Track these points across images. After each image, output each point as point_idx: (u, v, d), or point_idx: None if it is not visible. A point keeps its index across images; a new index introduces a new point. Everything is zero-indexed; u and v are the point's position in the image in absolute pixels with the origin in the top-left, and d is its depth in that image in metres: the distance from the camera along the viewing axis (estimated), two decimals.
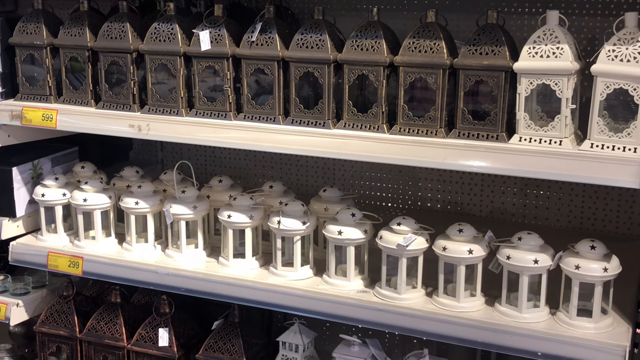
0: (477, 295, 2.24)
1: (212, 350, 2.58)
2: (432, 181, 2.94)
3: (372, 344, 2.47)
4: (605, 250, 2.08)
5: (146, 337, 2.64)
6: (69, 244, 2.71)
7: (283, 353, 2.57)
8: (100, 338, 2.68)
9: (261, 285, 2.41)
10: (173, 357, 2.60)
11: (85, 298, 2.85)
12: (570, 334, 2.07)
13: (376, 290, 2.33)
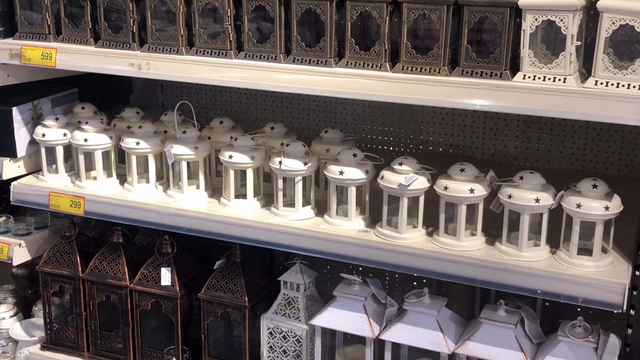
0: (477, 234, 2.24)
1: (214, 290, 2.60)
2: (434, 124, 2.93)
3: (373, 284, 2.49)
4: (606, 189, 2.08)
5: (148, 276, 2.66)
6: (70, 185, 2.71)
7: (284, 292, 2.58)
8: (102, 277, 2.70)
9: (263, 225, 2.42)
10: (175, 296, 2.62)
11: (87, 239, 2.86)
12: (570, 272, 2.08)
13: (377, 230, 2.33)
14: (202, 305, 2.62)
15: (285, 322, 2.57)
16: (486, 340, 2.26)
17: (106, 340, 2.78)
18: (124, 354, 2.75)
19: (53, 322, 2.84)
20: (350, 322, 2.41)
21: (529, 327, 2.29)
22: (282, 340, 2.59)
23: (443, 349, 2.28)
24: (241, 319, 2.58)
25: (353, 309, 2.42)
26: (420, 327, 2.33)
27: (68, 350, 2.83)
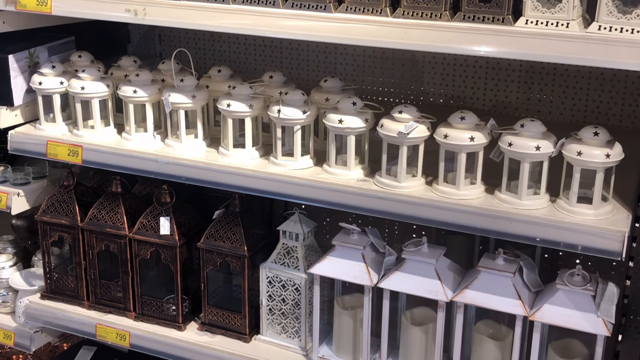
0: (477, 183, 2.23)
1: (213, 239, 2.60)
2: (435, 75, 2.90)
3: (371, 233, 2.48)
4: (608, 136, 2.06)
5: (147, 225, 2.66)
6: (68, 133, 2.69)
7: (283, 242, 2.58)
8: (101, 227, 2.70)
9: (261, 174, 2.41)
10: (175, 245, 2.62)
11: (86, 189, 2.85)
12: (569, 220, 2.07)
13: (376, 179, 2.32)
14: (202, 254, 2.62)
15: (284, 271, 2.57)
16: (484, 288, 2.26)
17: (106, 289, 2.79)
18: (124, 303, 2.76)
19: (53, 271, 2.84)
20: (349, 270, 2.41)
21: (528, 275, 2.30)
22: (281, 289, 2.60)
23: (441, 297, 2.29)
24: (240, 268, 2.58)
25: (352, 257, 2.42)
26: (419, 276, 2.33)
27: (68, 300, 2.84)
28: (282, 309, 2.61)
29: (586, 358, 2.27)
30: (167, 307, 2.72)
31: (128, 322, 2.75)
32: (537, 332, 2.20)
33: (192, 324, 2.76)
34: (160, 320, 2.73)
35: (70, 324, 2.81)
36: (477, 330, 2.39)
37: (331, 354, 2.55)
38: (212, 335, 2.69)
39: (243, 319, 2.64)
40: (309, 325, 2.58)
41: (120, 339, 2.73)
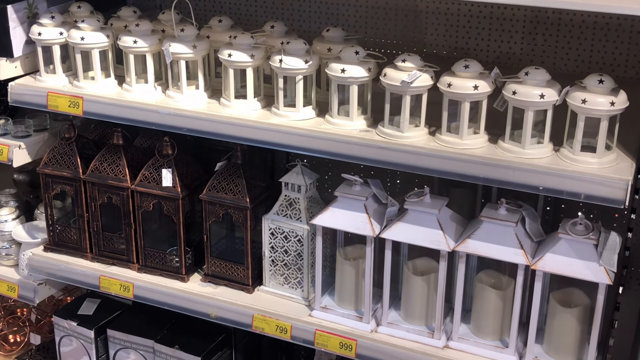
0: (480, 133, 2.22)
1: (215, 191, 2.60)
2: (438, 25, 2.86)
3: (374, 184, 2.48)
4: (613, 84, 2.04)
5: (149, 177, 2.65)
6: (68, 85, 2.67)
7: (285, 194, 2.58)
8: (103, 179, 2.69)
9: (263, 124, 2.40)
10: (177, 197, 2.62)
11: (87, 141, 2.84)
12: (573, 168, 2.06)
13: (379, 129, 2.31)
14: (204, 206, 2.62)
15: (286, 222, 2.58)
16: (486, 238, 2.26)
17: (109, 241, 2.79)
18: (127, 255, 2.77)
19: (55, 224, 2.85)
20: (351, 221, 2.41)
21: (530, 225, 2.30)
22: (283, 241, 2.60)
23: (443, 247, 2.29)
24: (243, 219, 2.58)
25: (354, 208, 2.42)
26: (421, 226, 2.33)
27: (71, 252, 2.85)
28: (284, 260, 2.62)
29: (587, 307, 2.28)
30: (170, 259, 2.73)
31: (131, 274, 2.77)
32: (538, 281, 2.21)
33: (195, 275, 2.77)
34: (163, 271, 2.74)
35: (74, 276, 2.83)
36: (479, 280, 2.40)
37: (333, 304, 2.57)
38: (215, 287, 2.70)
39: (246, 270, 2.65)
40: (311, 276, 2.60)
41: (123, 290, 2.74)
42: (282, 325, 2.55)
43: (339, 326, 2.50)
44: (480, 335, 2.39)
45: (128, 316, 2.98)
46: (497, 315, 2.36)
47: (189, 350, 2.76)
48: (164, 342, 2.81)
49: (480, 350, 2.36)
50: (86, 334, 2.90)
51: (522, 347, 2.36)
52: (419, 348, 2.39)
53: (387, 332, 2.46)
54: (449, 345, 2.39)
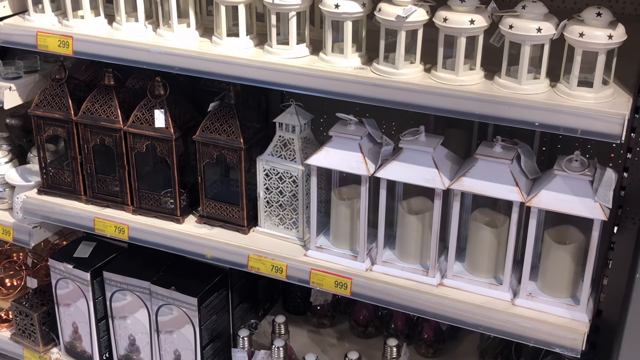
0: (476, 69, 2.19)
1: (208, 132, 2.58)
2: None
3: (369, 123, 2.46)
4: (611, 17, 2.00)
5: (142, 118, 2.63)
6: (58, 24, 2.62)
7: (280, 134, 2.56)
8: (95, 120, 2.67)
9: (256, 63, 2.36)
10: (170, 138, 2.60)
11: (79, 83, 2.81)
12: (569, 103, 2.04)
13: (374, 66, 2.28)
14: (198, 147, 2.60)
15: (281, 163, 2.56)
16: (481, 175, 2.25)
17: (103, 183, 2.78)
18: (121, 197, 2.76)
19: (48, 166, 2.83)
20: (346, 161, 2.40)
21: (525, 163, 2.29)
22: (278, 182, 2.59)
23: (438, 185, 2.28)
24: (237, 160, 2.57)
25: (349, 148, 2.40)
26: (416, 165, 2.32)
27: (65, 194, 2.84)
28: (279, 201, 2.62)
29: (582, 244, 2.28)
30: (165, 201, 2.72)
31: (126, 216, 2.76)
32: (533, 218, 2.21)
33: (190, 217, 2.77)
34: (158, 213, 2.74)
35: (68, 218, 2.82)
36: (474, 218, 2.40)
37: (329, 244, 2.57)
38: (211, 228, 2.70)
39: (241, 211, 2.65)
40: (306, 216, 2.59)
41: (119, 232, 2.74)
42: (278, 265, 2.56)
43: (334, 265, 2.51)
44: (475, 273, 2.40)
45: (124, 259, 2.99)
46: (491, 253, 2.37)
47: (186, 291, 2.78)
48: (160, 284, 2.82)
49: (474, 287, 2.37)
50: (82, 276, 2.90)
51: (516, 284, 2.37)
52: (414, 286, 2.40)
53: (382, 271, 2.46)
54: (443, 282, 2.40)
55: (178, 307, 2.80)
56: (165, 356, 2.92)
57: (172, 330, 2.85)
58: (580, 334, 2.20)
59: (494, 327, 2.30)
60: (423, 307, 2.38)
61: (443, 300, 2.35)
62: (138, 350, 2.98)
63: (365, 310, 3.17)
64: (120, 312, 2.95)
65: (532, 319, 2.25)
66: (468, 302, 2.33)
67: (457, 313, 2.34)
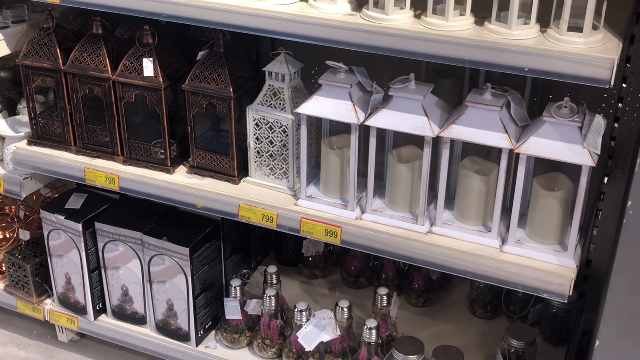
0: (466, 14, 2.17)
1: (197, 81, 2.56)
2: None
3: (359, 72, 2.44)
4: None
5: (130, 67, 2.61)
6: None
7: (269, 83, 2.55)
8: (84, 70, 2.65)
9: (245, 9, 2.33)
10: (159, 87, 2.58)
11: (67, 32, 2.78)
12: (559, 48, 2.03)
13: (363, 12, 2.26)
14: (187, 96, 2.59)
15: (271, 112, 2.55)
16: (471, 123, 2.25)
17: (92, 133, 2.77)
18: (111, 147, 2.76)
19: (38, 117, 2.82)
20: (336, 109, 2.39)
21: (515, 110, 2.28)
22: (268, 131, 2.59)
23: (427, 133, 2.28)
24: (226, 110, 2.56)
25: (338, 96, 2.40)
26: (405, 112, 2.31)
27: (55, 145, 2.83)
28: (269, 151, 2.61)
29: (571, 191, 2.29)
30: (155, 151, 2.72)
31: (116, 166, 2.76)
32: (522, 165, 2.21)
33: (180, 167, 2.77)
34: (148, 164, 2.73)
35: (59, 169, 2.82)
36: (463, 166, 2.40)
37: (319, 193, 2.58)
38: (201, 178, 2.70)
39: (231, 161, 2.65)
40: (296, 166, 2.59)
41: (109, 182, 2.74)
42: (268, 214, 2.57)
43: (324, 214, 2.52)
44: (464, 221, 2.41)
45: (115, 210, 2.99)
46: (480, 200, 2.38)
47: (177, 241, 2.78)
48: (152, 234, 2.83)
49: (463, 235, 2.38)
50: (74, 227, 2.91)
51: (505, 232, 2.38)
52: (403, 234, 2.42)
53: (372, 219, 2.47)
54: (432, 230, 2.42)
55: (170, 257, 2.81)
56: (158, 306, 2.94)
57: (165, 280, 2.87)
58: (567, 279, 2.22)
59: (483, 273, 2.32)
60: (412, 255, 2.40)
61: (432, 248, 2.37)
62: (131, 300, 3.01)
63: (356, 261, 3.20)
64: (113, 263, 2.96)
65: (520, 265, 2.27)
66: (457, 249, 2.35)
67: (446, 260, 2.35)
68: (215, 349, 2.96)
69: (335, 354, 2.78)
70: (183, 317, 2.90)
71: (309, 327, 2.72)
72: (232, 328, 2.92)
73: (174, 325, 2.95)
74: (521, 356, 2.69)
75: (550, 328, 2.92)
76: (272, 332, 2.85)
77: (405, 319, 3.02)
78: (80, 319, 3.12)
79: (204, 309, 2.93)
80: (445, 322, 3.04)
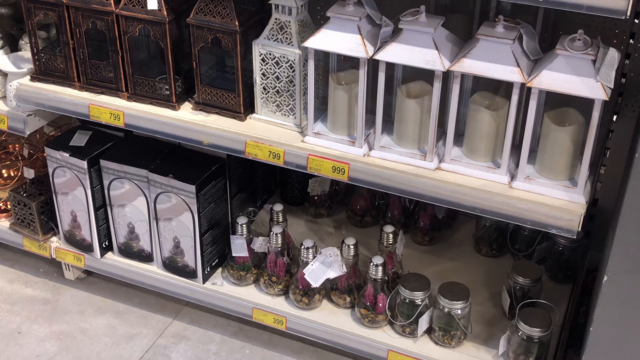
0: None
1: (202, 14, 2.51)
2: None
3: (367, 4, 2.39)
4: None
5: (134, 1, 2.55)
6: None
7: (276, 17, 2.49)
8: (87, 2, 2.59)
9: None
10: (163, 21, 2.53)
11: None
12: None
13: None
14: (192, 31, 2.54)
15: (277, 47, 2.51)
16: (482, 57, 2.21)
17: (96, 69, 2.73)
18: (116, 83, 2.72)
19: (40, 52, 2.77)
20: (344, 43, 2.35)
21: (527, 43, 2.24)
22: (274, 67, 2.55)
23: (438, 67, 2.24)
24: (232, 44, 2.51)
25: (347, 30, 2.35)
26: (415, 46, 2.27)
27: (59, 81, 2.79)
28: (276, 87, 2.58)
29: (582, 126, 2.27)
30: (160, 87, 2.68)
31: (121, 102, 2.73)
32: (533, 100, 2.18)
33: (186, 104, 2.73)
34: (153, 100, 2.70)
35: (63, 105, 2.79)
36: (473, 101, 2.37)
37: (326, 130, 2.55)
38: (207, 115, 2.67)
39: (237, 97, 2.61)
40: (303, 102, 2.56)
41: (114, 118, 2.71)
42: (275, 151, 2.55)
43: (332, 151, 2.50)
44: (473, 157, 2.39)
45: (120, 147, 2.97)
46: (490, 136, 2.35)
47: (183, 179, 2.77)
48: (158, 172, 2.81)
49: (472, 171, 2.36)
50: (79, 164, 2.89)
51: (514, 168, 2.36)
52: (411, 170, 2.40)
53: (380, 156, 2.45)
54: (441, 167, 2.40)
55: (176, 195, 2.80)
56: (165, 243, 2.94)
57: (171, 218, 2.87)
58: (577, 215, 2.21)
59: (491, 209, 2.31)
60: (421, 191, 2.39)
61: (441, 184, 2.35)
62: (137, 237, 3.01)
63: (362, 200, 3.19)
64: (119, 201, 2.96)
65: (529, 200, 2.26)
66: (465, 185, 2.33)
67: (455, 196, 2.34)
68: (222, 286, 2.97)
69: (341, 291, 2.80)
70: (190, 254, 2.91)
71: (315, 264, 2.73)
72: (238, 265, 2.93)
73: (181, 263, 2.96)
74: (527, 293, 2.71)
75: (555, 266, 2.93)
76: (278, 269, 2.86)
77: (411, 257, 3.03)
78: (87, 257, 3.13)
79: (210, 247, 2.93)
80: (451, 260, 3.05)
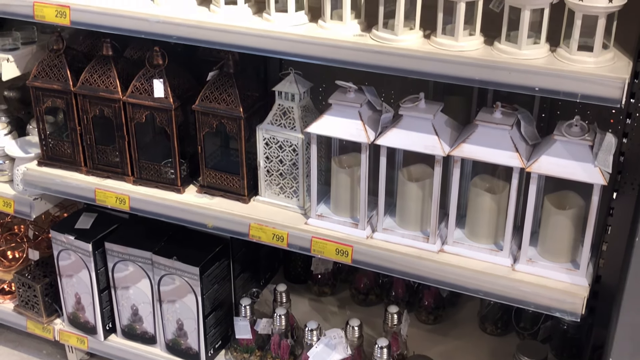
0: (476, 34, 2.18)
1: (208, 101, 2.57)
2: None
3: (368, 91, 2.45)
4: None
5: (141, 88, 2.62)
6: None
7: (279, 103, 2.56)
8: (94, 91, 2.66)
9: (254, 31, 2.35)
10: (169, 108, 2.59)
11: (77, 53, 2.79)
12: (569, 68, 2.03)
13: (373, 33, 2.27)
14: (197, 117, 2.60)
15: (280, 132, 2.56)
16: (481, 142, 2.25)
17: (103, 154, 2.78)
18: (122, 168, 2.77)
19: (48, 138, 2.83)
20: (346, 128, 2.40)
21: (525, 128, 2.29)
22: (278, 150, 2.59)
23: (438, 152, 2.28)
24: (237, 129, 2.56)
25: (348, 116, 2.40)
26: (416, 131, 2.32)
27: (65, 166, 2.84)
28: (279, 170, 2.62)
29: (582, 209, 2.29)
30: (165, 171, 2.72)
31: (127, 187, 2.77)
32: (533, 184, 2.21)
33: (190, 187, 2.77)
34: (159, 183, 2.74)
35: (69, 190, 2.83)
36: (474, 184, 2.41)
37: (329, 212, 2.58)
38: (211, 197, 2.71)
39: (241, 180, 2.65)
40: (306, 185, 2.60)
41: (120, 202, 2.75)
42: (279, 233, 2.57)
43: (335, 233, 2.52)
44: (475, 239, 2.41)
45: (125, 229, 3.00)
46: (491, 219, 2.38)
47: (187, 261, 2.79)
48: (162, 254, 2.83)
49: (474, 253, 2.38)
50: (84, 247, 2.92)
51: (516, 250, 2.38)
52: (414, 252, 2.42)
53: (383, 238, 2.48)
54: (444, 249, 2.42)
55: (180, 277, 2.81)
56: (168, 325, 2.94)
57: (175, 300, 2.87)
58: (580, 298, 2.22)
59: (495, 292, 2.31)
60: (424, 274, 2.40)
61: (444, 267, 2.37)
62: (141, 320, 3.01)
63: (365, 279, 3.20)
64: (123, 283, 2.96)
65: (532, 283, 2.27)
66: (469, 268, 2.34)
67: (458, 279, 2.35)
68: None
69: None
70: (193, 336, 2.90)
71: (319, 346, 2.72)
72: (242, 347, 2.92)
73: (184, 345, 2.94)
74: None
75: (561, 344, 2.91)
76: (282, 352, 2.85)
77: (416, 337, 3.01)
78: (90, 339, 3.12)
79: (214, 329, 2.93)
80: (456, 340, 3.04)
